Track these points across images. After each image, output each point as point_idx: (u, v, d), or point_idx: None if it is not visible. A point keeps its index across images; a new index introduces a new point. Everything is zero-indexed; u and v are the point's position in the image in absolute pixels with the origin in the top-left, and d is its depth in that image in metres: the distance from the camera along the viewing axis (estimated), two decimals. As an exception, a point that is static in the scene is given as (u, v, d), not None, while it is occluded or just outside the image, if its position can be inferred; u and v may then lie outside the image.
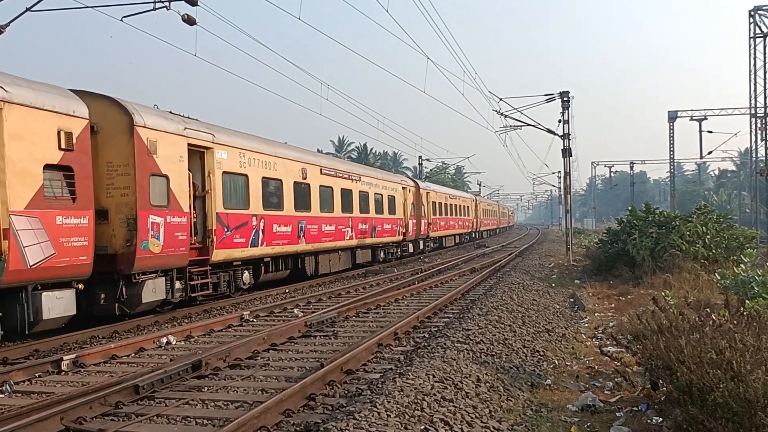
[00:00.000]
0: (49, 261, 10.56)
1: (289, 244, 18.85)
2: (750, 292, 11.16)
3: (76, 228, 11.14)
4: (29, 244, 10.20)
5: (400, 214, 31.24)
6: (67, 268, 10.96)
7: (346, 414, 6.00)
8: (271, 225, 17.75)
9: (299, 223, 19.53)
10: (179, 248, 13.68)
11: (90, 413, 6.71)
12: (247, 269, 17.00)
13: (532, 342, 10.26)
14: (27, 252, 10.16)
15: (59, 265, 10.77)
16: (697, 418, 5.30)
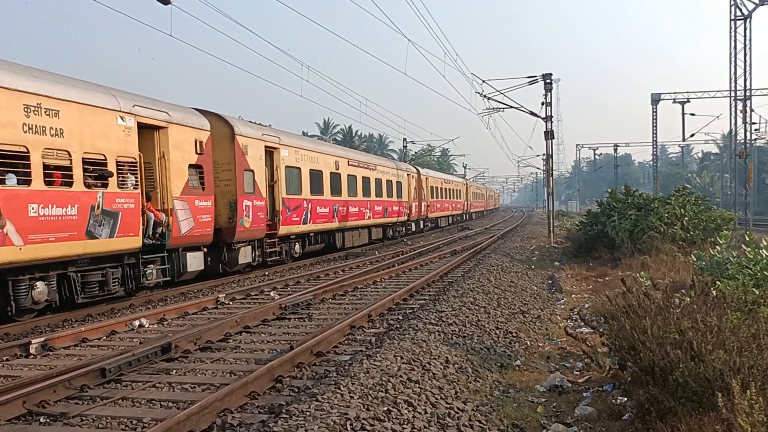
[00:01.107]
0: (191, 231, 14.83)
1: (327, 222, 23.47)
2: (724, 273, 11.23)
3: (205, 208, 15.39)
4: (182, 219, 14.44)
5: (406, 197, 35.59)
6: (200, 236, 15.28)
7: (310, 396, 5.97)
8: (315, 207, 22.22)
9: (334, 206, 24.04)
10: (260, 224, 18.03)
11: (54, 397, 6.63)
12: (298, 242, 21.56)
13: (506, 323, 10.28)
14: (181, 225, 14.40)
15: (196, 234, 15.06)
16: (658, 398, 5.31)
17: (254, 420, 5.77)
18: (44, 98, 10.79)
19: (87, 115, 11.76)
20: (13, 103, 10.22)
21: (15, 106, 10.26)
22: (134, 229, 12.82)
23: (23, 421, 6.14)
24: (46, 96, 10.83)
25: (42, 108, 10.74)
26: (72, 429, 5.86)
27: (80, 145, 11.56)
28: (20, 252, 10.26)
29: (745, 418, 3.54)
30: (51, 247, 10.83)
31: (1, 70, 10.22)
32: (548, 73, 30.57)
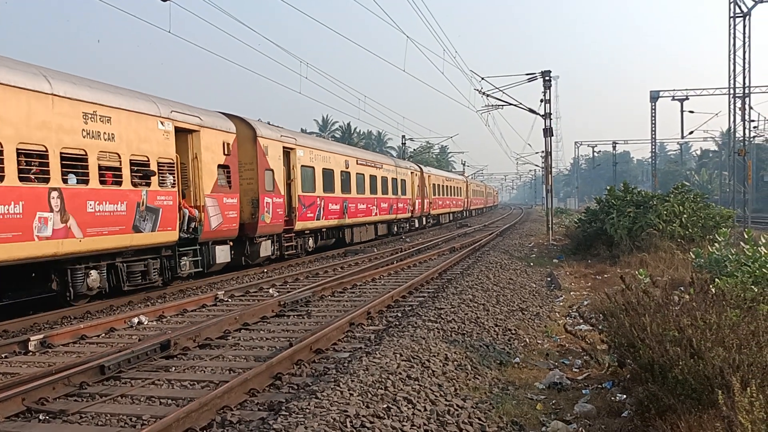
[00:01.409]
0: (220, 226, 16.06)
1: (337, 219, 24.81)
2: (723, 270, 11.23)
3: (232, 205, 16.68)
4: (212, 215, 15.67)
5: (410, 195, 36.99)
6: (228, 231, 16.49)
7: (310, 393, 5.97)
8: (328, 204, 23.53)
9: (344, 203, 25.40)
10: (279, 220, 19.32)
11: (53, 394, 6.63)
12: (312, 237, 22.95)
13: (505, 321, 10.27)
14: (211, 220, 15.65)
15: (224, 229, 16.27)
16: (657, 395, 5.31)
17: (254, 417, 5.77)
18: (99, 106, 12.12)
19: (133, 120, 13.08)
20: (74, 111, 11.54)
21: (76, 114, 11.59)
22: (172, 224, 14.17)
23: (22, 418, 6.14)
24: (100, 104, 12.16)
25: (97, 115, 12.10)
26: (71, 426, 5.86)
27: (128, 148, 12.87)
28: (80, 243, 11.59)
29: (746, 415, 3.54)
30: (105, 240, 12.20)
31: (64, 82, 11.50)
32: (547, 70, 30.54)
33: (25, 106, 10.55)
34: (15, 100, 10.38)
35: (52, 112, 11.09)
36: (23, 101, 10.54)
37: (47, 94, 10.98)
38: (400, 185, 34.79)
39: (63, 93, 11.32)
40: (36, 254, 10.71)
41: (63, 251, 11.23)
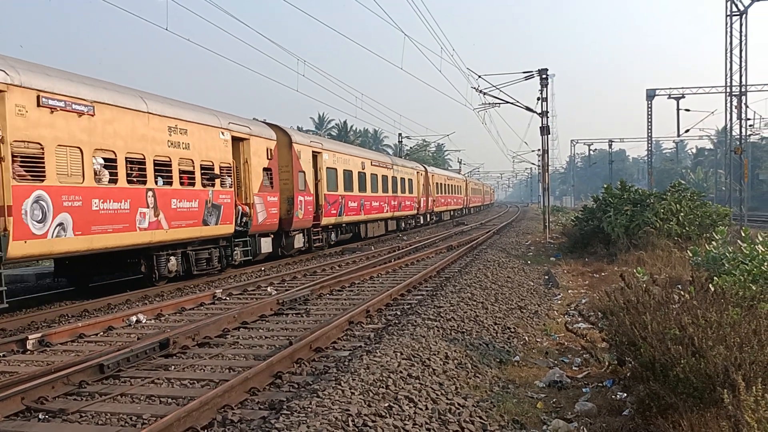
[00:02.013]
0: (264, 221, 18.68)
1: (355, 215, 27.34)
2: (720, 268, 11.26)
3: (274, 203, 19.34)
4: (259, 211, 18.27)
5: (416, 193, 39.81)
6: (270, 225, 19.17)
7: (311, 392, 5.95)
8: (347, 202, 26.13)
9: (360, 201, 28.02)
10: (309, 216, 21.88)
11: (52, 393, 6.60)
12: (334, 231, 25.58)
13: (504, 319, 10.28)
14: (258, 216, 18.19)
15: (267, 224, 18.93)
16: (659, 394, 5.31)
17: (255, 416, 5.76)
18: (179, 121, 14.66)
19: (202, 132, 15.67)
20: (162, 126, 14.07)
21: (163, 128, 14.10)
22: (230, 219, 16.68)
23: (22, 417, 6.11)
24: (179, 119, 14.71)
25: (178, 128, 14.62)
26: (71, 425, 5.84)
27: (199, 155, 15.42)
28: (166, 234, 14.14)
29: (752, 414, 3.55)
30: (182, 231, 14.75)
31: (155, 102, 14.09)
32: (544, 69, 30.52)
33: (130, 122, 13.11)
34: (124, 119, 12.95)
35: (148, 126, 13.66)
36: (129, 119, 13.09)
37: (144, 113, 13.55)
38: (408, 184, 37.52)
39: (155, 111, 13.92)
40: (138, 242, 13.33)
41: (155, 240, 13.87)
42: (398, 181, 34.98)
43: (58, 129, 11.33)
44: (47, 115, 11.11)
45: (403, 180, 36.32)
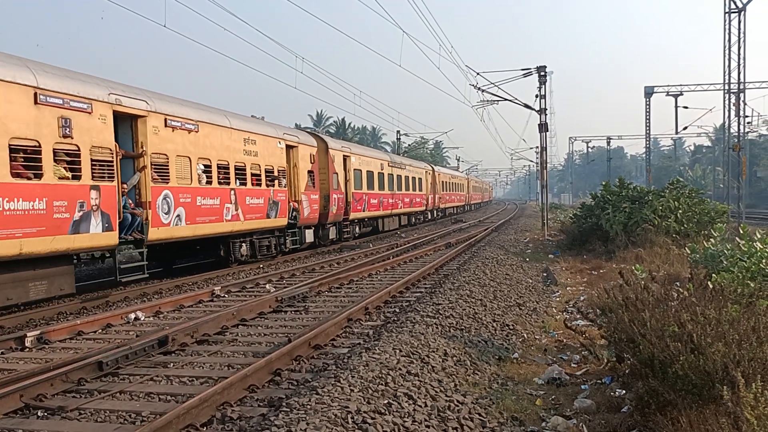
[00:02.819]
0: (308, 215, 22.06)
1: (376, 211, 30.90)
2: (719, 266, 11.26)
3: (315, 200, 22.83)
4: (305, 207, 21.68)
5: (425, 191, 43.23)
6: (313, 219, 22.62)
7: (310, 389, 5.96)
8: (370, 199, 29.60)
9: (380, 198, 31.51)
10: (340, 211, 25.39)
11: (51, 390, 6.60)
12: (358, 225, 29.23)
13: (503, 316, 10.29)
14: (304, 211, 21.62)
15: (311, 218, 22.36)
16: (657, 391, 5.32)
17: (254, 413, 5.76)
18: (250, 134, 18.15)
19: (266, 142, 19.09)
20: (239, 138, 17.53)
21: (240, 139, 17.55)
22: (285, 213, 20.11)
23: (21, 415, 6.10)
24: (251, 132, 18.23)
25: (250, 140, 18.05)
26: (70, 423, 5.83)
27: (264, 161, 18.80)
28: (242, 224, 17.48)
29: (751, 411, 3.55)
30: (253, 223, 18.13)
31: (235, 118, 17.70)
32: (542, 66, 30.49)
33: (219, 136, 16.46)
34: (215, 133, 16.29)
35: (230, 139, 16.99)
36: (218, 133, 16.44)
37: (228, 128, 16.94)
38: (418, 183, 41.15)
39: (235, 126, 17.36)
40: (224, 230, 16.67)
41: (235, 229, 17.18)
42: (410, 180, 38.53)
43: (176, 143, 14.61)
44: (170, 133, 14.42)
45: (414, 179, 39.79)
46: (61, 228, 11.06)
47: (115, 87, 12.91)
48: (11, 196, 10.16)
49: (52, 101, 10.99)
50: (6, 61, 10.43)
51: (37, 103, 10.70)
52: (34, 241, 10.50)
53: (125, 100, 12.94)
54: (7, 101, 10.18)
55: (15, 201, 10.23)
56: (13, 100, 10.30)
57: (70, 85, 11.54)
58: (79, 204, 11.48)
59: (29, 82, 10.61)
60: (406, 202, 37.25)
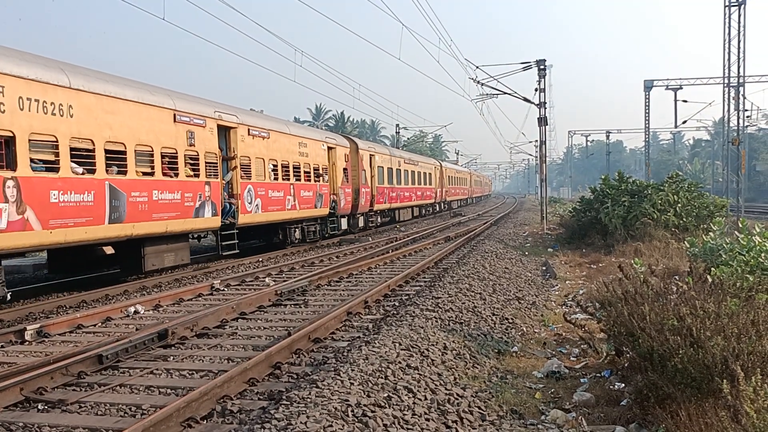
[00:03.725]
0: (343, 206, 25.95)
1: (394, 203, 34.73)
2: (717, 259, 11.27)
3: (348, 194, 26.74)
4: (341, 200, 25.51)
5: (434, 185, 47.28)
6: (346, 209, 26.46)
7: (310, 382, 5.96)
8: (389, 192, 33.47)
9: (398, 192, 35.39)
10: (367, 204, 29.35)
11: (51, 383, 6.60)
12: (380, 215, 32.95)
13: (502, 310, 10.30)
14: (341, 203, 25.48)
15: (345, 209, 26.25)
16: (657, 384, 5.34)
17: (254, 406, 5.77)
18: (302, 138, 22.26)
19: (313, 145, 23.11)
20: (296, 142, 21.58)
21: (296, 143, 21.51)
22: (327, 204, 24.05)
23: (21, 408, 6.10)
24: (303, 137, 22.35)
25: (302, 143, 22.01)
26: (70, 416, 5.83)
27: (312, 161, 22.81)
28: (297, 213, 21.28)
29: (751, 404, 3.56)
30: (305, 212, 22.01)
31: (292, 126, 22.93)
32: (542, 59, 30.42)
33: (283, 141, 20.53)
34: (281, 139, 20.43)
35: (290, 143, 21.06)
36: (283, 139, 20.58)
37: (288, 134, 21.11)
38: (428, 178, 45.11)
39: (293, 132, 21.67)
40: (286, 218, 20.72)
41: (293, 217, 21.17)
42: (422, 175, 42.77)
43: (255, 148, 18.54)
44: (251, 140, 18.33)
45: (425, 174, 43.94)
46: (188, 213, 15.00)
47: (217, 106, 17.01)
48: (162, 189, 13.98)
49: (183, 119, 14.83)
50: (157, 92, 14.25)
51: (175, 121, 14.56)
52: (174, 222, 14.41)
53: (224, 116, 16.90)
54: (159, 121, 13.98)
55: (164, 193, 14.05)
56: (163, 120, 14.12)
57: (192, 106, 15.46)
58: (198, 195, 15.36)
59: (170, 106, 14.45)
60: (418, 195, 41.36)
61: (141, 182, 13.29)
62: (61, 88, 11.31)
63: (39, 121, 10.82)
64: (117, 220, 12.52)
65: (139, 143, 13.28)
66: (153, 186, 13.66)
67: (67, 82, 11.50)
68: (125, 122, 12.88)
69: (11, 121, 10.27)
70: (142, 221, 13.28)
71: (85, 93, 11.88)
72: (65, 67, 11.79)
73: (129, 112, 13.02)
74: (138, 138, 13.21)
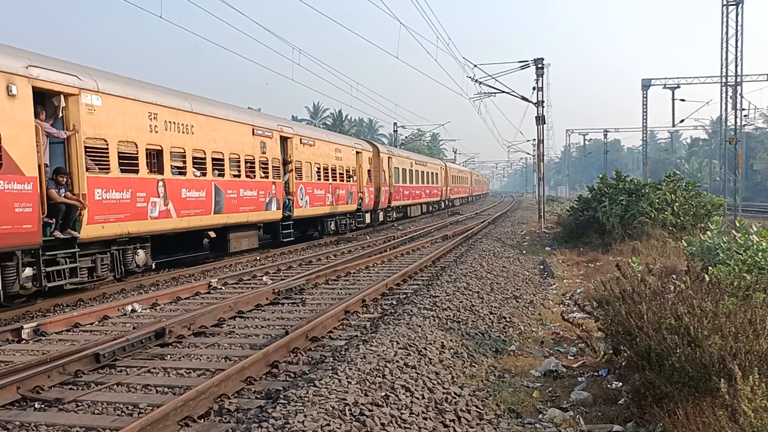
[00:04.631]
0: (368, 203, 29.99)
1: (407, 200, 38.61)
2: (715, 258, 11.28)
3: (371, 192, 30.55)
4: (366, 197, 29.52)
5: (440, 184, 51.40)
6: (369, 206, 30.13)
7: (308, 381, 5.96)
8: (403, 191, 37.51)
9: (410, 190, 39.50)
10: (386, 200, 33.13)
11: (48, 382, 6.60)
12: (395, 211, 36.76)
13: (500, 308, 10.30)
14: (365, 200, 29.54)
15: (369, 205, 30.03)
16: (654, 383, 5.34)
17: (252, 405, 5.76)
18: (338, 145, 26.54)
19: (346, 150, 27.34)
20: (333, 148, 25.83)
21: (333, 149, 25.66)
22: (355, 201, 27.98)
23: (18, 406, 6.10)
24: (338, 144, 26.67)
25: (338, 149, 26.13)
26: (67, 415, 5.82)
27: (345, 164, 26.89)
28: (334, 208, 25.14)
29: (748, 403, 3.56)
30: (340, 207, 25.84)
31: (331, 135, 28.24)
32: (540, 58, 30.43)
33: (324, 148, 24.50)
34: (323, 146, 24.41)
35: (329, 149, 25.03)
36: (324, 146, 24.58)
37: (328, 141, 25.37)
38: (434, 177, 49.10)
39: (332, 140, 26.10)
40: (326, 212, 24.55)
41: (331, 211, 24.90)
42: (430, 175, 46.93)
43: (305, 154, 22.44)
44: (302, 147, 22.21)
45: (432, 174, 48.11)
46: (261, 207, 18.83)
47: (279, 120, 21.61)
48: (245, 187, 17.78)
49: (258, 132, 18.80)
50: (242, 112, 18.85)
51: (254, 134, 18.52)
52: (252, 214, 18.24)
53: (284, 128, 21.02)
54: (243, 135, 17.95)
55: (246, 191, 17.88)
56: (246, 134, 18.11)
57: (264, 122, 19.71)
58: (268, 193, 19.26)
59: (250, 123, 18.54)
60: (427, 193, 45.66)
61: (233, 182, 17.16)
62: (187, 112, 15.09)
63: (175, 138, 14.61)
64: (218, 211, 16.38)
65: (232, 152, 17.13)
66: (240, 185, 17.55)
67: (190, 108, 15.32)
68: (223, 136, 16.71)
69: (161, 139, 14.04)
70: (232, 212, 17.13)
71: (200, 115, 15.70)
72: (188, 96, 15.80)
73: (225, 129, 16.87)
74: (231, 148, 17.07)
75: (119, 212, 12.68)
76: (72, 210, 11.46)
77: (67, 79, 11.43)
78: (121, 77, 13.66)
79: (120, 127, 12.75)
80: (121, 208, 12.75)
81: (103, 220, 12.20)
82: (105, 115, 12.30)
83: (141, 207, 13.29)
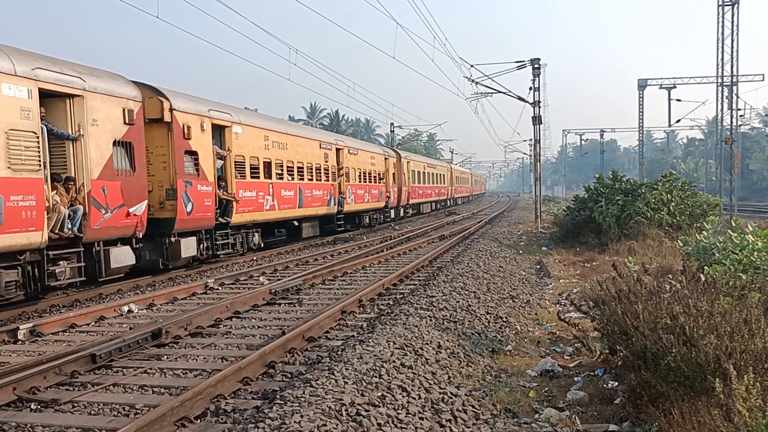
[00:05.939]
0: (392, 201, 35.43)
1: (420, 198, 43.65)
2: (711, 258, 11.30)
3: (395, 192, 35.90)
4: (391, 196, 35.08)
5: (447, 184, 56.63)
6: (393, 203, 35.73)
7: (304, 381, 5.96)
8: (418, 190, 42.52)
9: (423, 190, 44.63)
10: (406, 199, 38.09)
11: (44, 383, 6.58)
12: (411, 208, 41.79)
13: (496, 308, 10.31)
14: (391, 198, 35.04)
15: (393, 202, 35.59)
16: (650, 382, 5.35)
17: (248, 406, 5.76)
18: (371, 153, 32.14)
19: (377, 157, 32.41)
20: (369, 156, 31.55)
21: (369, 157, 31.33)
22: (383, 199, 32.97)
23: (13, 407, 6.09)
24: (372, 152, 32.34)
25: (372, 156, 31.82)
26: (63, 415, 5.82)
27: (377, 168, 32.14)
28: (369, 204, 30.59)
29: (743, 403, 3.58)
30: (372, 204, 30.95)
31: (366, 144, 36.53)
32: (536, 58, 30.42)
33: (362, 156, 29.83)
34: (362, 154, 29.84)
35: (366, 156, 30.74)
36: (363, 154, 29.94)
37: (365, 151, 30.92)
38: (442, 178, 54.02)
39: (367, 149, 32.11)
40: (367, 208, 30.46)
41: (367, 208, 30.19)
42: (438, 176, 51.95)
43: (351, 161, 27.67)
44: (349, 156, 27.59)
45: (440, 175, 53.29)
46: (324, 203, 24.07)
47: (336, 135, 29.29)
48: (315, 188, 23.16)
49: (323, 146, 24.26)
50: (311, 130, 27.12)
51: (320, 148, 23.96)
52: (319, 209, 23.68)
53: (338, 142, 26.79)
54: (313, 148, 23.20)
55: (316, 191, 23.28)
56: (315, 147, 23.47)
57: (326, 137, 25.86)
58: (329, 192, 24.56)
59: (318, 139, 24.34)
60: (436, 193, 50.76)
61: (309, 184, 22.63)
62: (282, 134, 20.67)
63: (277, 152, 20.01)
64: (300, 206, 21.77)
65: (308, 162, 22.56)
66: (312, 186, 22.97)
67: (285, 130, 21.28)
68: (302, 150, 22.13)
69: (270, 154, 19.41)
70: (307, 207, 22.50)
71: (290, 135, 21.38)
72: (283, 122, 23.42)
73: (304, 144, 22.40)
74: (307, 159, 22.52)
75: (249, 206, 18.01)
76: (228, 204, 16.74)
77: (227, 117, 17.05)
78: (247, 111, 21.56)
79: (250, 147, 18.19)
80: (251, 203, 18.08)
81: (242, 211, 17.50)
82: (243, 139, 17.78)
83: (260, 202, 18.63)
